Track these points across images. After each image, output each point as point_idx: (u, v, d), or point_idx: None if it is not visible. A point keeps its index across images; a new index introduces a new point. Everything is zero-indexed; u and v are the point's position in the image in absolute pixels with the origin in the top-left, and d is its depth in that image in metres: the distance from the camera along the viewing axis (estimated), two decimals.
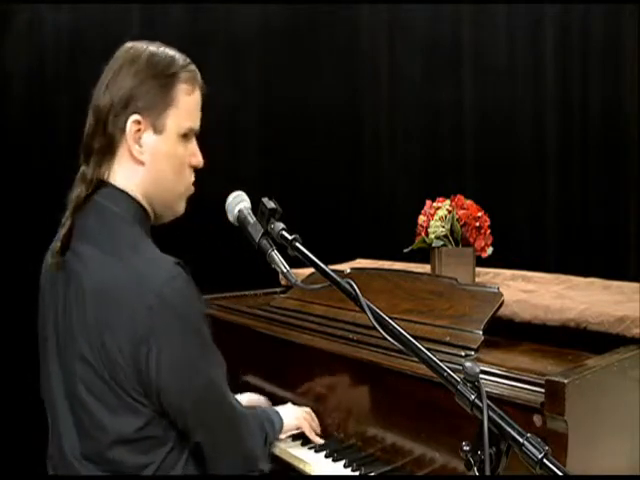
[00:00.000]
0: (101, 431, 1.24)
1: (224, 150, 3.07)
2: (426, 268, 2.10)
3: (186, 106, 1.35)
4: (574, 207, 3.02)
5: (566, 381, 1.21)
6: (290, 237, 1.23)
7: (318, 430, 1.75)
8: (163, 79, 1.31)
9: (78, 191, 1.30)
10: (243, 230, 1.31)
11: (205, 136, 1.43)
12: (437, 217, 2.00)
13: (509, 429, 0.91)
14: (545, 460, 0.86)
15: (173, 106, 1.33)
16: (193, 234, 2.67)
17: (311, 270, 2.03)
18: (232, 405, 1.40)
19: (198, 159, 1.41)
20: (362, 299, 1.08)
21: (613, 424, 1.39)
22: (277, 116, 3.32)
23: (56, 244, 1.30)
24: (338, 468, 1.58)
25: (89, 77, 1.33)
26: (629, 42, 2.82)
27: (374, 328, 1.06)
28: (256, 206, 1.32)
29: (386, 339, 1.06)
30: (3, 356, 2.66)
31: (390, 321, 1.06)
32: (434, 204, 2.06)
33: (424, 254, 2.09)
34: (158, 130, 1.32)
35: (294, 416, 1.69)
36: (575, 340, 1.60)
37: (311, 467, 1.61)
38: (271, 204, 1.29)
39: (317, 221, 3.10)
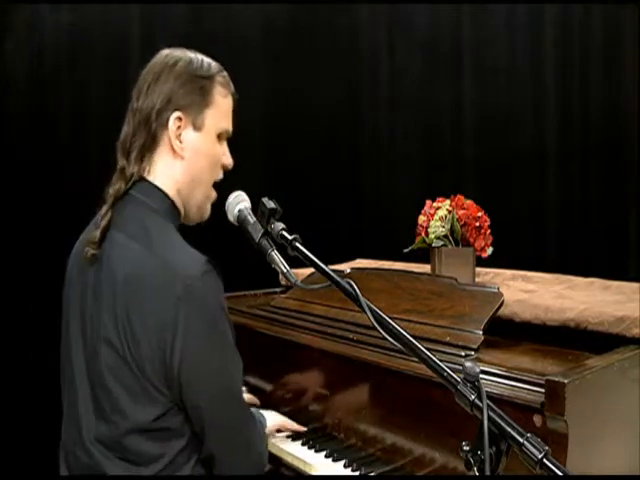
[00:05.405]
0: (120, 416, 1.26)
1: None
2: (426, 268, 2.09)
3: (222, 107, 1.44)
4: (574, 207, 3.02)
5: (566, 381, 1.21)
6: (290, 237, 1.24)
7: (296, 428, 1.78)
8: (202, 81, 1.40)
9: (117, 187, 1.36)
10: (243, 230, 1.32)
11: None
12: (437, 217, 2.00)
13: (509, 429, 0.91)
14: (545, 460, 0.86)
15: (211, 106, 1.41)
16: (193, 234, 2.66)
17: (311, 270, 2.03)
18: (245, 407, 1.44)
19: (229, 159, 1.49)
20: (362, 299, 1.09)
21: (613, 424, 1.39)
22: (277, 116, 3.32)
23: (93, 234, 1.32)
24: (338, 468, 1.58)
25: (89, 77, 1.34)
26: (629, 42, 2.82)
27: (374, 328, 1.07)
28: (256, 206, 1.32)
29: (386, 339, 1.06)
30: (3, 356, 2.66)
31: (390, 321, 1.07)
32: (434, 204, 2.06)
33: (424, 254, 2.08)
34: (197, 127, 1.40)
35: (272, 420, 1.72)
36: (575, 340, 1.59)
37: (311, 467, 1.61)
38: (271, 204, 1.29)
39: (317, 221, 3.10)
